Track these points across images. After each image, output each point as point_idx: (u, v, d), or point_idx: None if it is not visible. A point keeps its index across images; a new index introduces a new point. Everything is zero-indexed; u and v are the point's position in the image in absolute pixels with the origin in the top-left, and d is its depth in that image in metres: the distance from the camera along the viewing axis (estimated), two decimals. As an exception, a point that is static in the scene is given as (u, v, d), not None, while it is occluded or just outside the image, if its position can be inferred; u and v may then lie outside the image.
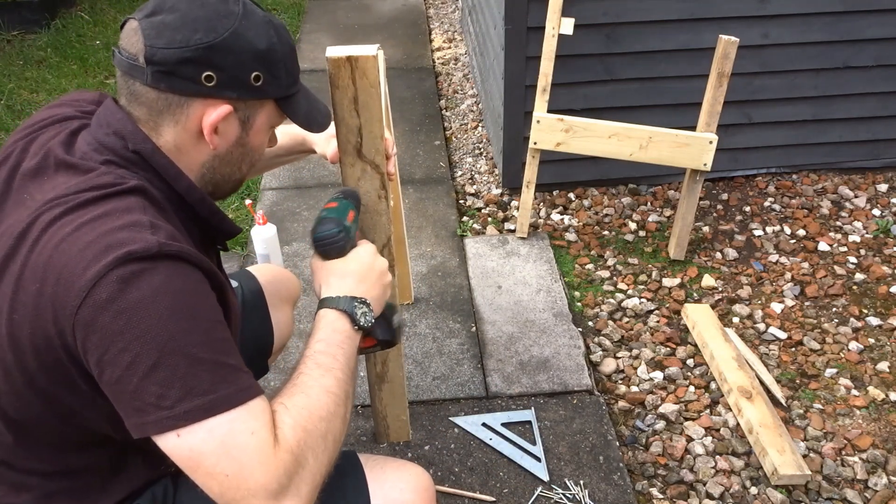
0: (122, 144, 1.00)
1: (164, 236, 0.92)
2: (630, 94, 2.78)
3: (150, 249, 0.89)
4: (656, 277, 2.57)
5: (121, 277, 0.87)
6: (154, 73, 0.97)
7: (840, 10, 2.69)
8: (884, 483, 1.87)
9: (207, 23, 0.98)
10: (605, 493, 1.83)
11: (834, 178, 3.06)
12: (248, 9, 1.02)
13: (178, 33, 0.96)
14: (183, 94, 0.99)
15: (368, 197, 1.41)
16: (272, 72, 1.03)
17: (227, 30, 0.99)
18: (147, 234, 0.90)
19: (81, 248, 0.89)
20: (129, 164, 1.00)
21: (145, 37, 0.97)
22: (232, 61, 0.99)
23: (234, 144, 1.06)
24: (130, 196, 0.96)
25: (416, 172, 3.15)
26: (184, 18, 0.97)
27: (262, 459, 0.89)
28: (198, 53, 0.97)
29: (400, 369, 1.70)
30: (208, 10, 0.99)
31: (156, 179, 1.01)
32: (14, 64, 4.12)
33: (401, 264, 2.28)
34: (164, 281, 0.89)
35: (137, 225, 0.91)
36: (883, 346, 2.29)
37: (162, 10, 0.98)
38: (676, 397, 2.12)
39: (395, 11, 4.85)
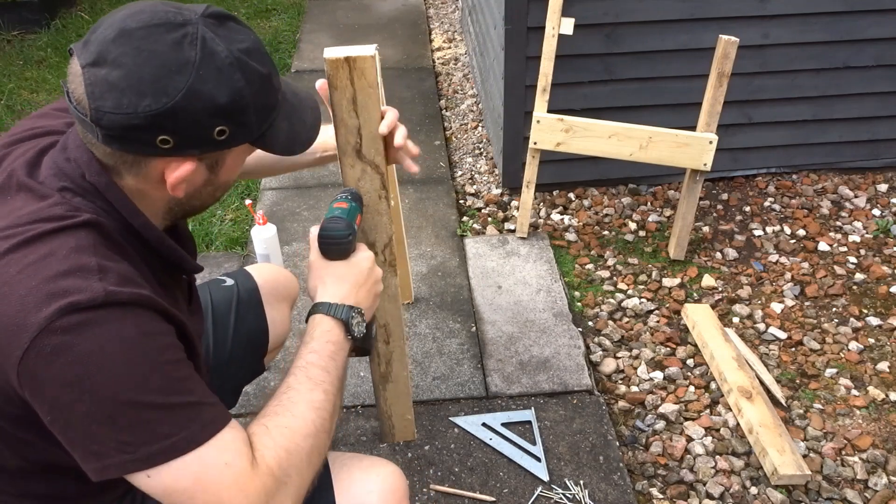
0: (79, 173, 0.94)
1: (113, 281, 0.87)
2: (630, 94, 2.78)
3: (96, 299, 0.84)
4: (656, 277, 2.57)
5: (64, 329, 0.83)
6: (104, 135, 0.89)
7: (840, 10, 2.69)
8: (884, 483, 1.87)
9: (156, 83, 0.87)
10: (605, 493, 1.83)
11: (834, 178, 3.06)
12: (208, 51, 0.89)
13: (124, 96, 0.86)
14: (138, 154, 0.92)
15: (369, 197, 1.41)
16: (239, 121, 0.94)
17: (179, 90, 0.87)
18: (93, 282, 0.85)
19: (23, 295, 0.84)
20: (86, 192, 0.94)
21: (89, 95, 0.87)
22: (189, 122, 0.89)
23: (201, 186, 1.00)
24: (81, 231, 0.90)
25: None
26: (129, 77, 0.86)
27: (240, 488, 0.89)
28: (147, 121, 0.87)
29: (404, 369, 1.70)
30: (157, 65, 0.87)
31: (112, 212, 0.95)
32: (14, 64, 4.12)
33: (400, 264, 2.28)
34: (113, 330, 0.85)
35: (84, 270, 0.86)
36: (883, 346, 2.29)
37: (105, 62, 0.87)
38: (676, 397, 2.12)
39: (395, 11, 4.85)
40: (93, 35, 0.90)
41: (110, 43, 0.87)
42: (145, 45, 0.87)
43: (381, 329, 1.61)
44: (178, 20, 0.90)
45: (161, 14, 0.90)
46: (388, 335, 1.63)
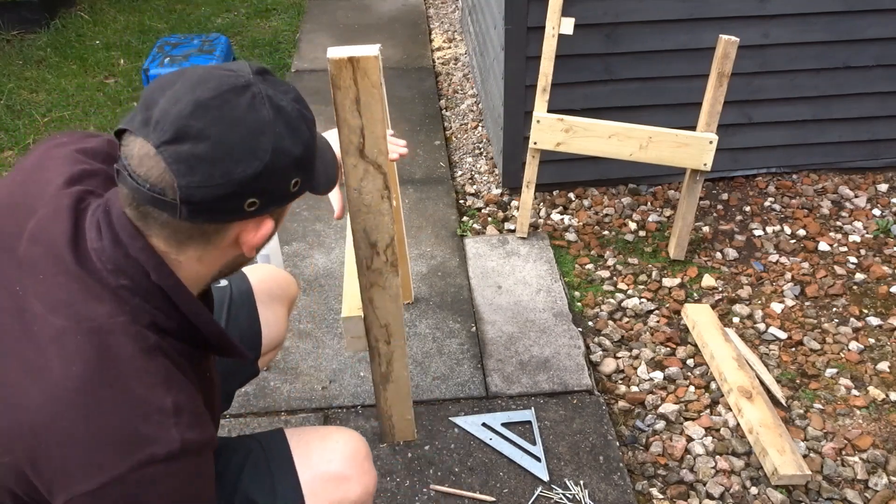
0: (141, 272, 0.91)
1: (186, 424, 0.89)
2: (630, 94, 2.78)
3: (174, 451, 0.87)
4: (656, 277, 2.57)
5: (139, 482, 0.85)
6: (191, 210, 0.87)
7: (840, 10, 2.69)
8: (884, 483, 1.87)
9: (246, 148, 0.87)
10: (605, 493, 1.83)
11: (834, 178, 3.06)
12: (276, 105, 0.90)
13: (215, 168, 0.85)
14: (222, 223, 0.91)
15: (371, 197, 1.41)
16: (308, 170, 0.96)
17: (267, 151, 0.88)
18: (171, 429, 0.87)
19: (99, 429, 0.85)
20: (147, 293, 0.92)
21: (175, 172, 0.84)
22: (275, 181, 0.90)
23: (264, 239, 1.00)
24: (152, 360, 0.90)
25: (416, 172, 3.15)
26: (217, 148, 0.85)
27: None
28: (242, 188, 0.87)
29: (404, 369, 1.70)
30: (242, 131, 0.87)
31: (171, 311, 0.94)
32: (14, 64, 4.12)
33: (401, 264, 2.28)
34: (180, 486, 0.88)
35: (160, 412, 0.87)
36: (883, 346, 2.29)
37: (188, 137, 0.85)
38: (676, 397, 2.12)
39: (395, 11, 4.85)
40: (152, 111, 0.87)
41: (188, 117, 0.85)
42: (226, 113, 0.87)
43: (383, 329, 1.61)
44: (241, 83, 0.90)
45: (226, 79, 0.89)
46: (389, 335, 1.63)
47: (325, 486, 1.18)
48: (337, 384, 2.14)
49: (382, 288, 1.53)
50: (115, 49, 4.28)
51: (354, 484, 1.20)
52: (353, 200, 1.41)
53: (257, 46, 4.31)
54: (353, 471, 1.21)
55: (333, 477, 1.19)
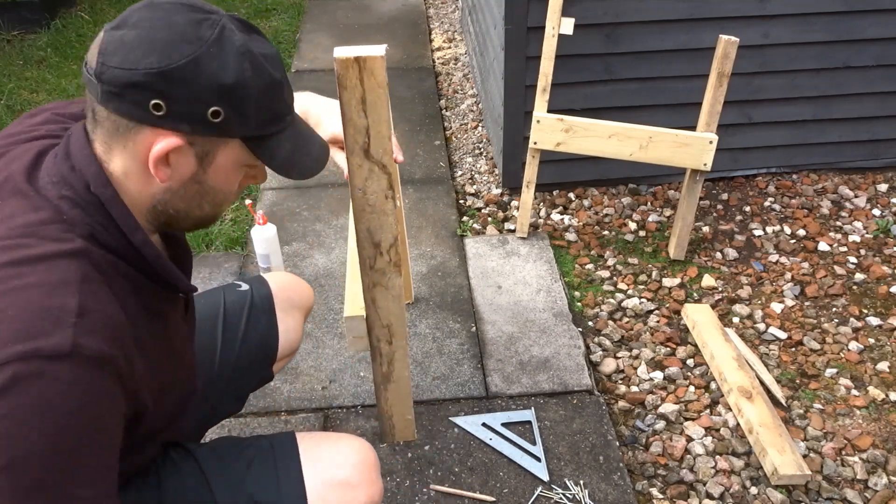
0: (83, 183, 0.93)
1: (87, 328, 0.84)
2: (630, 94, 2.78)
3: (62, 349, 0.81)
4: (656, 277, 2.57)
5: (15, 375, 0.79)
6: (103, 91, 0.89)
7: (840, 10, 2.69)
8: (884, 483, 1.87)
9: (166, 47, 0.88)
10: (605, 493, 1.84)
11: (834, 178, 3.06)
12: (224, 35, 0.91)
13: (132, 53, 0.88)
14: (130, 119, 0.90)
15: (376, 197, 1.41)
16: (238, 108, 0.92)
17: (185, 56, 0.88)
18: (66, 329, 0.82)
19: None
20: (87, 205, 0.93)
21: (101, 51, 0.89)
22: (185, 92, 0.89)
23: (188, 180, 0.97)
24: (71, 262, 0.88)
25: (416, 172, 3.15)
26: (142, 38, 0.88)
27: None
28: (146, 79, 0.87)
29: (405, 369, 1.70)
30: (172, 32, 0.89)
31: (111, 227, 0.94)
32: (14, 64, 4.12)
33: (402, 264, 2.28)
34: (60, 394, 0.81)
35: (62, 311, 0.84)
36: (883, 346, 2.29)
37: (126, 25, 0.90)
38: (676, 397, 2.12)
39: (395, 11, 4.85)
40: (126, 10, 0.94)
41: (135, 10, 0.92)
42: (166, 16, 0.90)
43: (385, 329, 1.61)
44: (206, 8, 0.93)
45: (196, 2, 0.93)
46: (391, 335, 1.63)
47: (332, 492, 1.18)
48: (337, 384, 2.14)
49: (385, 288, 1.54)
50: (115, 49, 4.28)
51: (360, 493, 1.19)
52: (357, 200, 1.41)
53: (257, 46, 4.31)
54: (361, 479, 1.20)
55: (340, 483, 1.19)
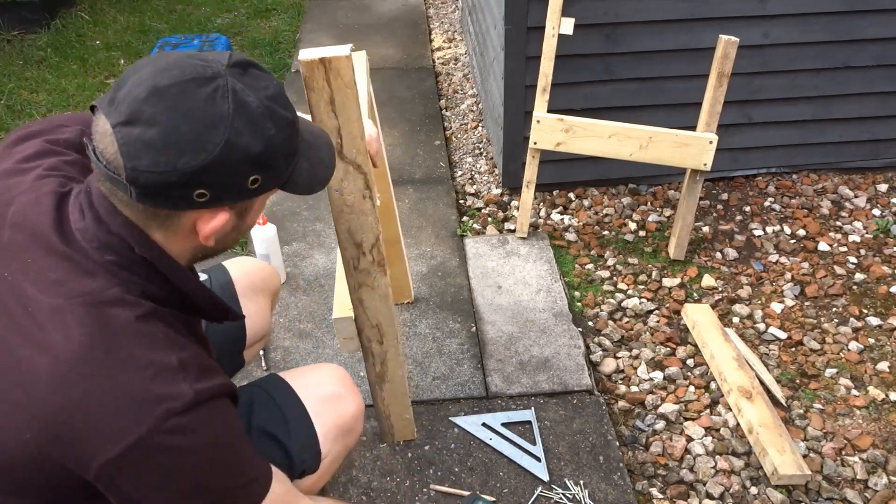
0: (126, 246, 0.94)
1: (194, 376, 0.93)
2: (630, 94, 2.78)
3: (189, 402, 0.91)
4: (656, 277, 2.57)
5: (164, 439, 0.89)
6: (139, 193, 0.89)
7: (840, 10, 2.69)
8: (884, 483, 1.87)
9: (194, 140, 0.87)
10: (605, 493, 1.83)
11: (834, 178, 3.06)
12: (239, 102, 0.90)
13: (161, 155, 0.86)
14: (173, 209, 0.92)
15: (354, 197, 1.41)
16: (270, 169, 0.95)
17: (217, 145, 0.87)
18: (181, 384, 0.91)
19: (111, 395, 0.88)
20: (133, 265, 0.95)
21: (124, 155, 0.86)
22: (225, 175, 0.90)
23: (229, 232, 1.01)
24: (149, 324, 0.94)
25: (416, 172, 3.15)
26: (166, 136, 0.86)
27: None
28: (186, 178, 0.87)
29: (399, 368, 1.70)
30: (194, 122, 0.87)
31: (159, 280, 0.97)
32: (14, 64, 4.12)
33: (397, 264, 2.27)
34: (205, 435, 0.93)
35: (168, 371, 0.91)
36: (883, 346, 2.29)
37: (139, 121, 0.86)
38: (676, 397, 2.12)
39: (395, 11, 4.85)
40: (119, 92, 0.89)
41: (142, 102, 0.87)
42: (180, 103, 0.87)
43: (374, 329, 1.61)
44: (208, 73, 0.90)
45: (190, 69, 0.89)
46: (381, 335, 1.62)
47: (327, 406, 1.34)
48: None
49: (371, 288, 1.53)
50: (115, 49, 4.28)
51: (349, 401, 1.37)
52: (335, 201, 1.41)
53: (257, 46, 4.31)
54: (345, 389, 1.38)
55: (331, 397, 1.35)
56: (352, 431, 1.38)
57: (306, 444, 1.30)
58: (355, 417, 1.37)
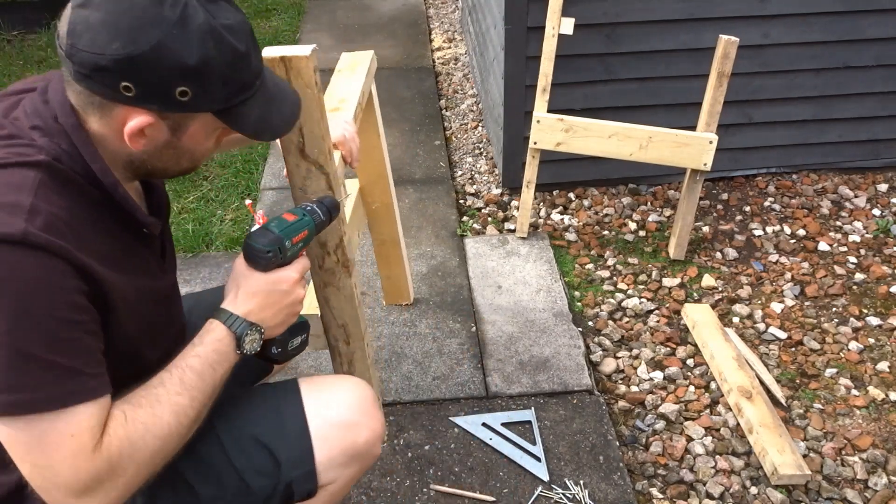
0: (52, 114, 0.98)
1: (38, 224, 0.90)
2: (630, 94, 2.78)
3: (13, 235, 0.88)
4: (656, 277, 2.57)
5: None
6: (74, 71, 0.94)
7: (840, 10, 2.69)
8: (884, 483, 1.87)
9: (130, 31, 0.91)
10: (605, 493, 1.84)
11: (834, 177, 3.06)
12: (187, 14, 0.93)
13: (98, 36, 0.91)
14: (103, 97, 0.95)
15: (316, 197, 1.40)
16: (204, 86, 0.96)
17: (149, 42, 0.91)
18: (18, 219, 0.89)
19: None
20: (55, 133, 0.98)
21: (69, 32, 0.92)
22: (151, 76, 0.93)
23: (163, 146, 1.02)
24: (30, 170, 0.94)
25: (416, 172, 3.15)
26: (106, 20, 0.91)
27: (73, 462, 0.92)
28: (113, 64, 0.91)
29: (367, 370, 1.69)
30: (135, 15, 0.91)
31: (76, 155, 0.98)
32: (14, 64, 4.12)
33: (397, 265, 2.27)
34: (13, 269, 0.88)
35: (15, 206, 0.90)
36: (883, 346, 2.29)
37: (91, 4, 0.92)
38: (676, 397, 2.12)
39: (395, 11, 4.85)
40: None
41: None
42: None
43: (341, 329, 1.61)
44: None
45: None
46: (347, 336, 1.62)
47: (336, 432, 1.24)
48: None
49: (337, 288, 1.53)
50: (115, 49, 4.28)
51: (363, 429, 1.26)
52: (298, 200, 1.41)
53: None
54: (362, 417, 1.27)
55: (343, 423, 1.25)
56: (365, 456, 1.29)
57: (299, 461, 1.23)
58: (369, 443, 1.27)
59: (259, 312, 1.15)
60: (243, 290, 1.15)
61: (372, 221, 2.16)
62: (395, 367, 2.19)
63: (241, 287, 1.15)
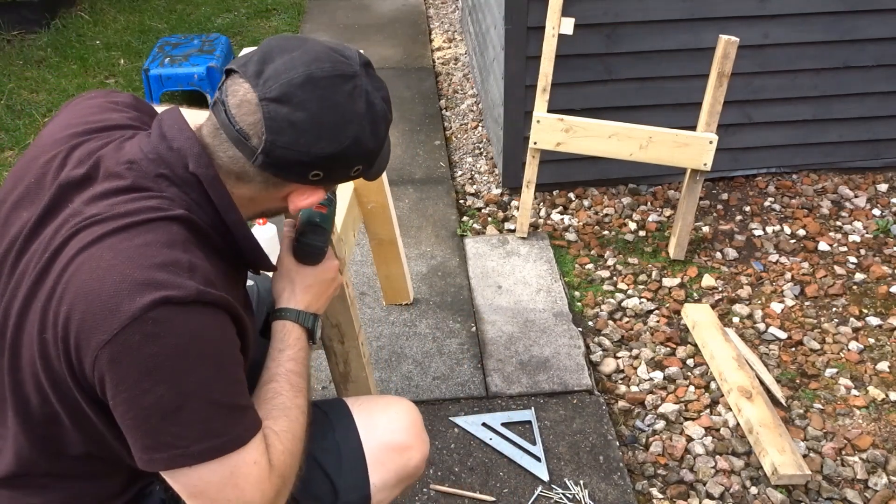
0: (181, 163, 0.98)
1: (202, 281, 0.93)
2: (630, 94, 2.78)
3: (189, 296, 0.90)
4: (656, 277, 2.57)
5: (156, 321, 0.88)
6: (265, 162, 0.96)
7: (840, 10, 2.69)
8: (884, 483, 1.87)
9: (334, 131, 0.96)
10: (605, 493, 1.83)
11: (834, 177, 3.06)
12: (370, 104, 1.00)
13: (302, 136, 0.95)
14: (285, 181, 1.00)
15: None
16: (372, 163, 1.05)
17: (349, 138, 0.98)
18: (185, 279, 0.91)
19: (118, 281, 0.89)
20: (183, 183, 0.98)
21: (268, 128, 0.94)
22: (342, 164, 1.01)
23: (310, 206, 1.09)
24: (174, 225, 0.95)
25: (416, 172, 3.15)
26: (312, 122, 0.95)
27: (260, 486, 0.97)
28: (314, 161, 0.97)
29: (363, 370, 1.68)
30: (337, 115, 0.96)
31: (206, 205, 1.00)
32: (14, 64, 4.12)
33: (394, 265, 2.27)
34: (199, 328, 0.91)
35: (177, 265, 0.92)
36: (883, 346, 2.29)
37: (291, 102, 0.94)
38: (676, 397, 2.12)
39: (395, 11, 4.85)
40: (266, 67, 0.96)
41: (297, 87, 0.95)
42: (328, 95, 0.96)
43: (335, 329, 1.60)
44: (350, 72, 0.99)
45: (339, 65, 0.98)
46: (341, 335, 1.62)
47: (391, 456, 1.26)
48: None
49: None
50: (115, 49, 4.28)
51: (415, 452, 1.28)
52: None
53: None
54: (414, 440, 1.28)
55: (397, 446, 1.27)
56: (413, 477, 1.31)
57: (355, 486, 1.24)
58: (419, 468, 1.29)
59: (315, 303, 1.21)
60: (299, 285, 1.21)
61: (368, 221, 2.15)
62: (395, 367, 2.19)
63: (297, 283, 1.21)
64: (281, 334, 1.16)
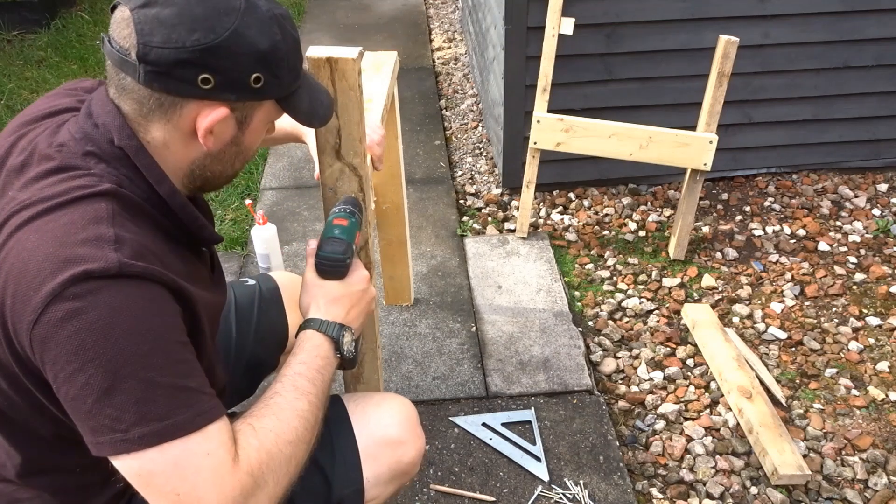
0: (107, 138, 0.96)
1: (128, 254, 0.88)
2: (630, 94, 2.78)
3: (110, 269, 0.86)
4: (656, 277, 2.57)
5: (76, 295, 0.85)
6: (147, 72, 0.91)
7: (840, 10, 2.69)
8: (884, 483, 1.87)
9: (206, 21, 0.91)
10: (605, 493, 1.84)
11: (834, 177, 3.06)
12: (251, 3, 0.95)
13: (174, 31, 0.90)
14: (177, 95, 0.94)
15: None
16: (274, 72, 0.98)
17: (227, 29, 0.92)
18: (108, 252, 0.87)
19: (41, 261, 0.86)
20: (112, 159, 0.96)
21: (138, 32, 0.90)
22: (231, 64, 0.93)
23: (228, 144, 1.02)
24: (100, 201, 0.92)
25: (416, 172, 3.15)
26: (181, 14, 0.91)
27: (217, 482, 0.89)
28: (195, 55, 0.91)
29: (376, 372, 1.68)
30: (207, 6, 0.92)
31: (137, 179, 0.97)
32: (14, 64, 4.12)
33: (401, 266, 2.27)
34: (123, 301, 0.87)
35: (100, 240, 0.88)
36: (883, 346, 2.29)
37: (157, 2, 0.91)
38: (676, 397, 2.12)
39: (395, 11, 4.85)
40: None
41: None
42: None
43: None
44: None
45: None
46: (362, 337, 1.62)
47: (384, 450, 1.25)
48: (337, 384, 2.14)
49: None
50: (115, 49, 4.28)
51: (409, 447, 1.27)
52: (328, 200, 1.40)
53: (257, 46, 4.31)
54: (408, 435, 1.27)
55: (391, 441, 1.25)
56: (407, 474, 1.30)
57: (348, 480, 1.23)
58: (413, 463, 1.28)
59: (346, 315, 1.16)
60: (324, 299, 1.16)
61: (381, 222, 2.16)
62: (395, 367, 2.19)
63: (321, 297, 1.16)
64: (300, 341, 1.12)
